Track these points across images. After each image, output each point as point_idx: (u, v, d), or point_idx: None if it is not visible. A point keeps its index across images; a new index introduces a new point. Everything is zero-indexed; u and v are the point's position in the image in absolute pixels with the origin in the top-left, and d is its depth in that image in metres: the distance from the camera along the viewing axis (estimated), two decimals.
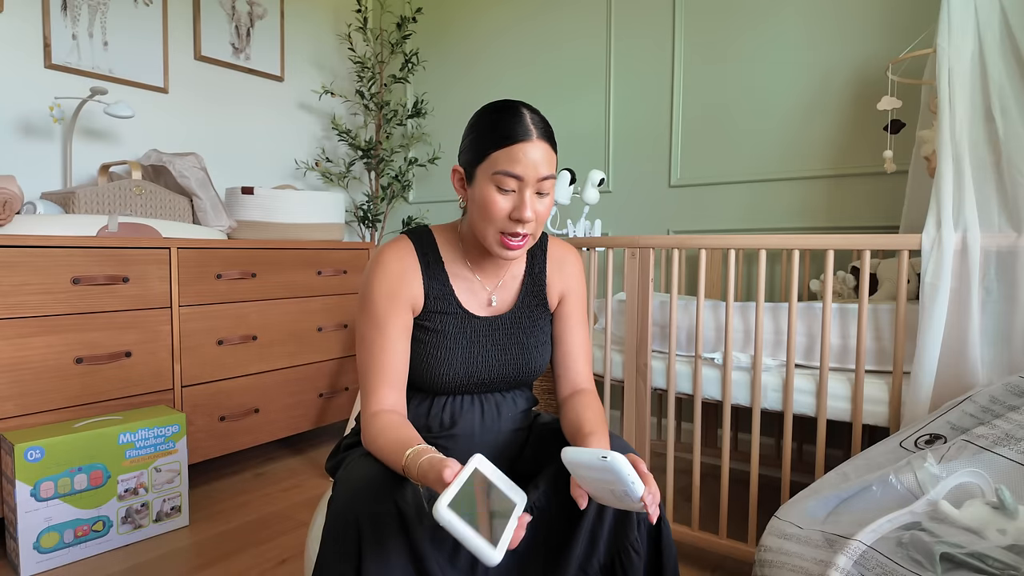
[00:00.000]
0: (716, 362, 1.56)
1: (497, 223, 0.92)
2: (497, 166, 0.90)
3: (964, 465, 0.97)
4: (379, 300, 0.96)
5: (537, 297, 1.06)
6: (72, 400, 1.74)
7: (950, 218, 1.30)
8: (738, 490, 2.01)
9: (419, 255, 1.00)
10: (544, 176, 0.91)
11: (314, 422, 2.41)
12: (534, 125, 0.91)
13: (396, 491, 0.84)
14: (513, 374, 1.04)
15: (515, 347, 1.03)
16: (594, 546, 0.90)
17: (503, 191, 0.91)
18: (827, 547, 0.90)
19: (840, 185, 2.11)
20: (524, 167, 0.89)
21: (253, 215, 2.34)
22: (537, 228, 0.94)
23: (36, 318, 1.67)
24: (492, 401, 1.05)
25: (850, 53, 2.07)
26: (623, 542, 0.89)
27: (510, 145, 0.89)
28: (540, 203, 0.92)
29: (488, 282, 1.04)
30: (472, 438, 1.03)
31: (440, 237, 1.03)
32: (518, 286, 1.06)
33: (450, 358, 0.99)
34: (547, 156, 0.91)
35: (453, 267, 1.02)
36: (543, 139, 0.91)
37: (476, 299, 1.03)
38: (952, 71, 1.35)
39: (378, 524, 0.81)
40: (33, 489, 1.54)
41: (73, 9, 2.25)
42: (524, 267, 1.07)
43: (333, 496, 0.88)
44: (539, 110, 1.24)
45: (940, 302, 1.29)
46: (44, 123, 2.22)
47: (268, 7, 2.89)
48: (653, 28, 2.47)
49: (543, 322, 1.07)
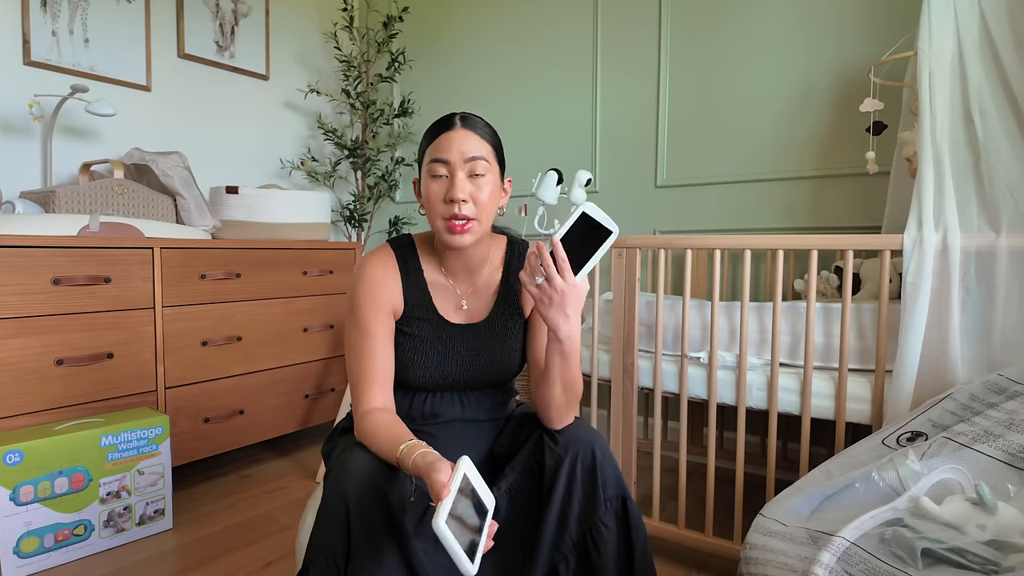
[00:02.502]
0: (702, 361, 1.57)
1: (438, 209, 0.99)
2: (428, 158, 1.00)
3: (945, 462, 0.98)
4: (364, 307, 1.03)
5: (512, 306, 1.11)
6: (53, 402, 1.72)
7: (931, 218, 1.32)
8: (724, 488, 2.02)
9: (399, 263, 1.07)
10: (470, 156, 0.98)
11: (300, 423, 2.39)
12: (459, 119, 1.00)
13: (384, 478, 0.90)
14: (487, 378, 1.10)
15: (487, 354, 1.08)
16: (565, 525, 0.97)
17: (436, 178, 0.99)
18: (811, 544, 0.91)
19: (824, 186, 2.13)
20: (448, 151, 0.98)
21: (238, 215, 2.31)
22: (480, 211, 0.99)
23: (16, 319, 1.64)
24: (472, 396, 1.11)
25: (833, 55, 2.09)
26: (592, 519, 0.96)
27: (436, 138, 1.00)
28: (473, 185, 0.98)
29: (460, 287, 1.09)
30: (453, 425, 1.10)
31: (420, 246, 1.10)
32: (493, 295, 1.10)
33: (426, 361, 1.06)
34: (472, 141, 0.99)
35: (430, 274, 1.08)
36: (466, 128, 1.00)
37: (451, 305, 1.09)
38: (933, 74, 1.37)
39: (367, 508, 0.87)
40: (12, 493, 1.51)
41: (53, 5, 2.22)
42: (500, 276, 1.11)
43: (327, 479, 0.95)
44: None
45: (921, 301, 1.31)
46: (23, 121, 2.18)
47: (253, 5, 2.86)
48: (639, 29, 2.48)
49: (516, 330, 1.11)
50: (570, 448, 0.99)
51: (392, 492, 0.89)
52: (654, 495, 1.63)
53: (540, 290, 0.90)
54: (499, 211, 1.06)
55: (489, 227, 1.04)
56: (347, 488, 0.88)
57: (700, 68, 2.35)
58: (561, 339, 0.94)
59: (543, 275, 0.88)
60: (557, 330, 0.93)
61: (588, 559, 0.96)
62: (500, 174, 1.04)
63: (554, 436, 1.02)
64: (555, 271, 0.88)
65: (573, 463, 0.98)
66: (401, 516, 0.87)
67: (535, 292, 0.90)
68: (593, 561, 0.96)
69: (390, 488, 0.89)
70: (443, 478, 0.77)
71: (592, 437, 1.00)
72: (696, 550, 1.66)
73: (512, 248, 1.13)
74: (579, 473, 0.97)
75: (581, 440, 1.00)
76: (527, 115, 2.81)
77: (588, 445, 0.99)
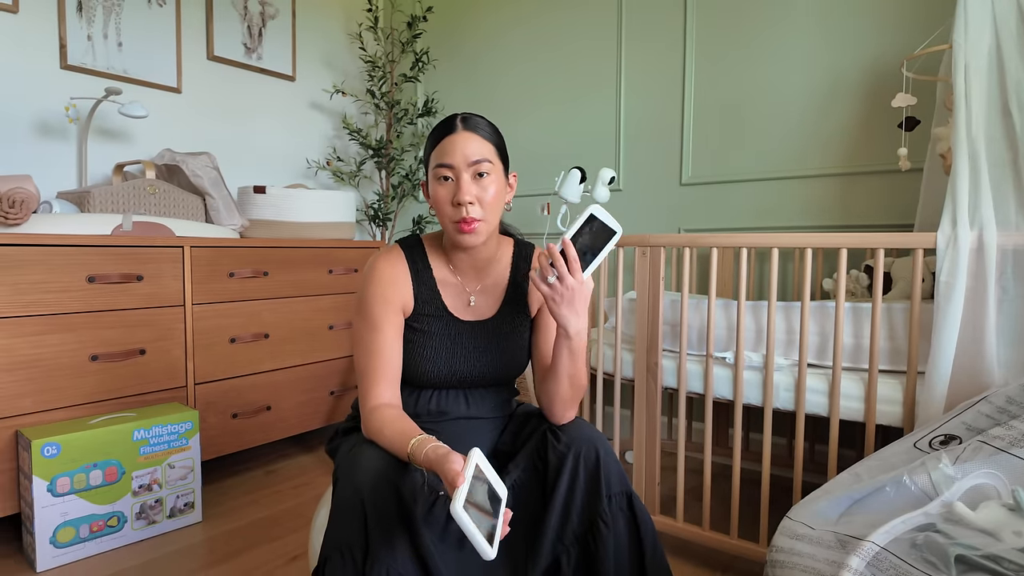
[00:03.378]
0: (728, 361, 1.55)
1: (446, 212, 1.01)
2: (433, 162, 1.03)
3: (980, 466, 0.95)
4: (374, 304, 1.05)
5: (518, 305, 1.14)
6: (87, 397, 1.77)
7: (966, 216, 1.28)
8: (749, 490, 2.00)
9: (409, 263, 1.09)
10: (474, 160, 1.00)
11: (325, 419, 2.42)
12: (460, 122, 1.02)
13: (396, 472, 0.92)
14: (493, 374, 1.11)
15: (495, 350, 1.10)
16: (567, 518, 0.99)
17: (443, 181, 1.01)
18: (839, 548, 0.89)
19: (853, 183, 2.09)
20: (452, 156, 1.00)
21: (265, 214, 2.35)
22: (486, 211, 1.01)
23: (52, 316, 1.69)
24: (477, 395, 1.13)
25: (863, 49, 2.05)
26: (594, 513, 0.98)
27: (440, 142, 1.02)
28: (479, 187, 1.01)
29: (469, 284, 1.11)
30: (459, 423, 1.11)
31: (429, 245, 1.12)
32: (501, 293, 1.13)
33: (435, 357, 1.08)
34: (475, 143, 1.01)
35: (440, 272, 1.10)
36: (469, 130, 1.02)
37: (459, 301, 1.11)
38: (968, 67, 1.34)
39: (382, 501, 0.89)
40: (50, 485, 1.56)
41: (88, 10, 2.28)
42: (509, 276, 1.14)
43: (339, 477, 0.96)
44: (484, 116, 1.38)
45: (955, 301, 1.27)
46: (60, 123, 2.24)
47: (280, 7, 2.90)
48: (664, 24, 2.46)
49: (523, 328, 1.14)
50: (573, 445, 1.01)
51: (404, 485, 0.91)
52: (678, 496, 1.62)
53: (552, 288, 0.94)
54: (506, 206, 1.08)
55: (496, 225, 1.06)
56: (361, 482, 0.90)
57: (726, 63, 2.32)
58: (571, 335, 0.98)
59: (555, 274, 0.93)
60: (567, 326, 0.97)
61: (589, 551, 0.98)
62: (504, 171, 1.07)
63: (557, 434, 1.04)
64: (567, 270, 0.92)
65: (576, 460, 1.00)
66: (412, 508, 0.89)
67: (546, 291, 0.94)
68: (594, 553, 0.97)
69: (402, 482, 0.91)
70: (457, 467, 0.79)
71: (594, 436, 1.03)
72: (721, 552, 1.64)
73: (519, 249, 1.16)
74: (582, 470, 1.00)
75: (584, 438, 1.02)
76: (550, 112, 2.80)
77: (591, 443, 1.01)
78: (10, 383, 1.62)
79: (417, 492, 0.92)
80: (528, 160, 2.87)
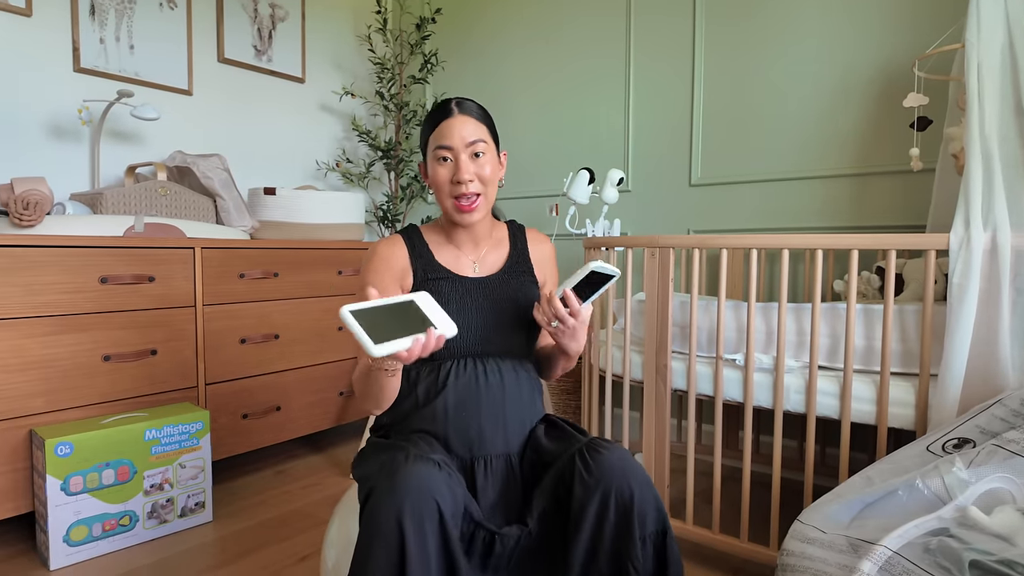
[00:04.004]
0: (737, 363, 1.54)
1: (446, 189, 1.09)
2: (432, 145, 1.09)
3: (994, 470, 0.94)
4: (369, 277, 1.11)
5: (523, 264, 1.19)
6: (100, 397, 1.78)
7: (979, 217, 1.27)
8: (760, 493, 1.99)
9: (406, 242, 1.14)
10: (471, 141, 1.07)
11: (334, 420, 2.43)
12: (455, 106, 1.09)
13: (437, 491, 0.85)
14: (508, 328, 1.10)
15: (506, 303, 1.12)
16: (594, 560, 0.91)
17: (442, 162, 1.08)
18: (851, 552, 0.89)
19: (865, 183, 2.08)
20: (451, 138, 1.07)
21: (275, 215, 2.37)
22: (485, 187, 1.09)
23: (66, 316, 1.71)
24: (495, 366, 1.08)
25: (874, 49, 2.03)
26: (625, 560, 0.90)
27: (438, 126, 1.09)
28: (476, 165, 1.08)
29: (471, 254, 1.17)
30: (479, 407, 1.05)
31: (426, 230, 1.19)
32: (504, 255, 1.19)
33: (448, 314, 1.08)
34: (470, 125, 1.08)
35: (438, 248, 1.16)
36: (464, 114, 1.09)
37: (462, 265, 1.16)
38: (981, 66, 1.32)
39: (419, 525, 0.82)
40: (63, 483, 1.58)
41: (101, 14, 2.30)
42: (508, 244, 1.20)
43: (370, 498, 0.88)
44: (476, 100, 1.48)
45: (968, 303, 1.26)
46: (73, 126, 2.27)
47: (289, 9, 2.92)
48: (673, 24, 2.45)
49: (530, 285, 1.18)
50: (603, 481, 0.92)
51: (444, 505, 0.85)
52: (688, 499, 1.61)
53: (556, 329, 1.03)
54: (500, 183, 1.15)
55: (493, 199, 1.13)
56: (400, 503, 0.83)
57: (736, 62, 2.31)
58: (570, 355, 1.10)
59: (557, 320, 1.01)
60: (568, 351, 1.08)
61: None
62: (496, 150, 1.14)
63: (587, 462, 0.95)
64: (567, 315, 0.99)
65: (605, 498, 0.92)
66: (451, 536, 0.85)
67: (551, 329, 1.03)
68: None
69: (443, 501, 0.85)
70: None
71: (629, 468, 0.94)
72: (731, 555, 1.63)
73: (513, 227, 1.24)
74: (612, 511, 0.91)
75: (615, 473, 0.92)
76: (559, 113, 2.80)
77: (623, 479, 0.92)
78: (24, 383, 1.64)
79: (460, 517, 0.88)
80: (537, 161, 2.87)
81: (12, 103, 2.12)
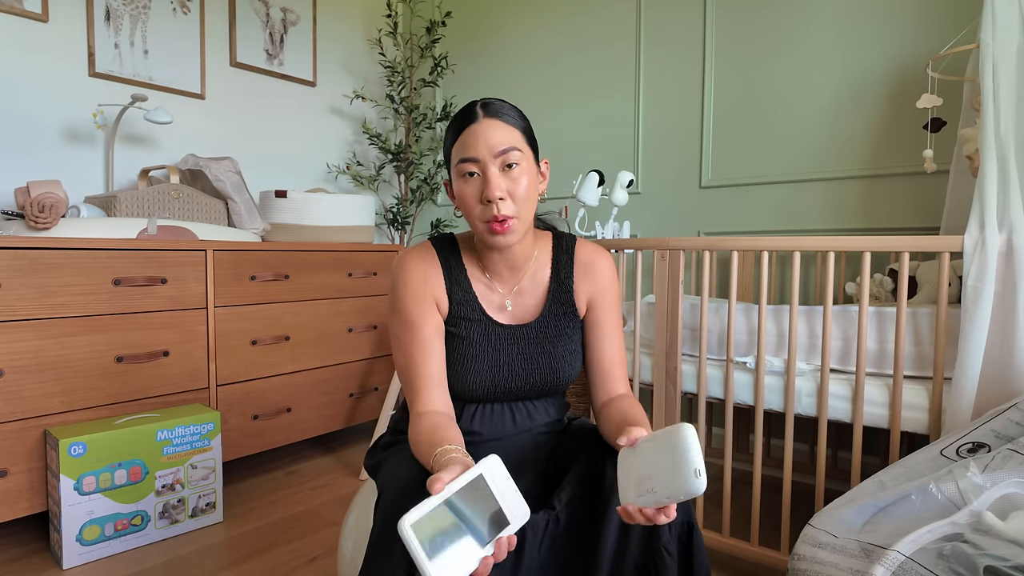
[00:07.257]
0: (748, 366, 1.53)
1: (475, 211, 0.92)
2: (456, 158, 0.93)
3: (1010, 475, 0.93)
4: (408, 303, 0.97)
5: (565, 305, 1.03)
6: (113, 397, 1.80)
7: (994, 219, 1.26)
8: (770, 497, 1.97)
9: (441, 260, 1.01)
10: (500, 150, 0.90)
11: (344, 421, 2.44)
12: (481, 108, 0.92)
13: None
14: (541, 384, 1.02)
15: (542, 357, 1.01)
16: (626, 546, 0.87)
17: (468, 178, 0.92)
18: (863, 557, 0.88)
19: (877, 185, 2.06)
20: (476, 148, 0.90)
21: (286, 218, 2.38)
22: (519, 206, 0.92)
23: (80, 318, 1.73)
24: (524, 409, 1.04)
25: (887, 49, 2.02)
26: (656, 544, 0.86)
27: (461, 134, 0.92)
28: (508, 179, 0.91)
29: (503, 287, 1.03)
30: (503, 442, 1.02)
31: (462, 244, 1.04)
32: (543, 293, 1.03)
33: (476, 366, 0.99)
34: (499, 131, 0.91)
35: (473, 273, 1.02)
36: (490, 116, 0.91)
37: (496, 305, 1.02)
38: (997, 67, 1.31)
39: None
40: (76, 483, 1.59)
41: (116, 19, 2.33)
42: (550, 273, 1.04)
43: (381, 501, 0.87)
44: (505, 100, 1.23)
45: (983, 306, 1.25)
46: (88, 129, 2.30)
47: (301, 13, 2.94)
48: (683, 25, 2.45)
49: (572, 331, 1.04)
50: None
51: None
52: (698, 502, 1.60)
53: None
54: (541, 198, 0.98)
55: (531, 220, 0.96)
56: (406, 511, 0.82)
57: (747, 63, 2.30)
58: None
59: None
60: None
61: None
62: (535, 158, 0.96)
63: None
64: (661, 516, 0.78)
65: None
66: None
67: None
68: None
69: None
70: (446, 476, 0.69)
71: None
72: (741, 559, 1.62)
73: (559, 243, 1.06)
74: None
75: None
76: (568, 115, 2.80)
77: None
78: (39, 383, 1.66)
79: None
80: None
81: (29, 107, 2.15)
